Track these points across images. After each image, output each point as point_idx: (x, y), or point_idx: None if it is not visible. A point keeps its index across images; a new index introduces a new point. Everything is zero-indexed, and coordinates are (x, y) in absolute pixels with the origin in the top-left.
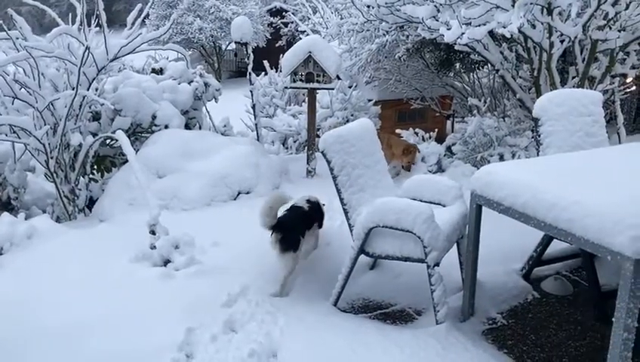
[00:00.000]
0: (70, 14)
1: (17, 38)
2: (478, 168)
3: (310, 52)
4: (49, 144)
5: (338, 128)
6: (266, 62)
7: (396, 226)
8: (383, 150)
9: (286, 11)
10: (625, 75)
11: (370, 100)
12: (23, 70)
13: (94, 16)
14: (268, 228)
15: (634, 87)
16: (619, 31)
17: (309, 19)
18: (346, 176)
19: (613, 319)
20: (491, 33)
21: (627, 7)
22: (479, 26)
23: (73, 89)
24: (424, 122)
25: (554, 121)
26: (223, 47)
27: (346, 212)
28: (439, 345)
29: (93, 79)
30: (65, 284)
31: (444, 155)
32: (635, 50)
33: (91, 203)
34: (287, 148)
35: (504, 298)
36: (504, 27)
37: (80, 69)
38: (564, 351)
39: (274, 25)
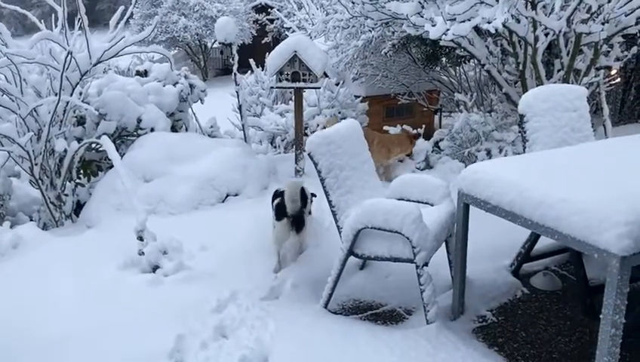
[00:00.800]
0: (53, 15)
1: None
2: (466, 164)
3: (295, 51)
4: (33, 151)
5: (324, 130)
6: (252, 61)
7: (384, 227)
8: (372, 150)
9: (271, 8)
10: (609, 68)
11: (357, 97)
12: (5, 77)
13: (77, 17)
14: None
15: (618, 79)
16: (602, 24)
17: (295, 15)
18: (334, 178)
19: (601, 316)
20: (476, 28)
21: (610, 0)
22: (464, 21)
23: (56, 94)
24: (412, 117)
25: (539, 117)
26: (209, 44)
27: (334, 214)
28: (430, 345)
29: (77, 84)
30: (53, 293)
31: (432, 151)
32: (618, 43)
33: (79, 207)
34: (275, 147)
35: (494, 295)
36: (489, 22)
37: (62, 74)
38: (554, 346)
39: (259, 22)
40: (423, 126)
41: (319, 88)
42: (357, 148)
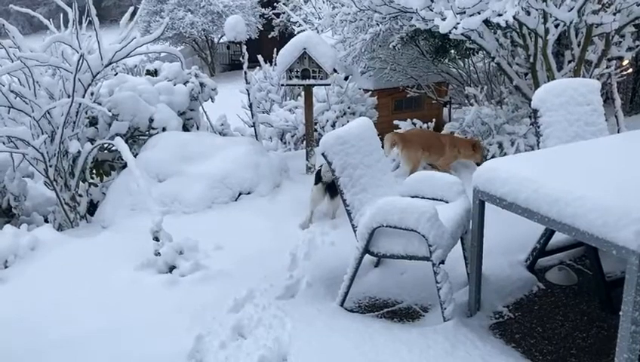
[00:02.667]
0: (61, 14)
1: (10, 47)
2: None
3: (305, 48)
4: (47, 152)
5: (337, 129)
6: (260, 57)
7: (400, 226)
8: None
9: (277, 2)
10: (621, 58)
11: (366, 90)
12: (18, 80)
13: (85, 15)
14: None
15: (630, 70)
16: (614, 14)
17: (301, 9)
18: (348, 177)
19: (621, 313)
20: (486, 21)
21: None
22: (474, 15)
23: (69, 96)
24: (421, 110)
25: (553, 111)
26: (215, 40)
27: (349, 213)
28: (448, 343)
29: (89, 85)
30: (71, 295)
31: None
32: (630, 33)
33: (92, 206)
34: (285, 143)
35: (509, 290)
36: (499, 15)
37: (75, 77)
38: (571, 342)
39: (266, 16)
40: (434, 120)
41: (329, 85)
42: (370, 146)
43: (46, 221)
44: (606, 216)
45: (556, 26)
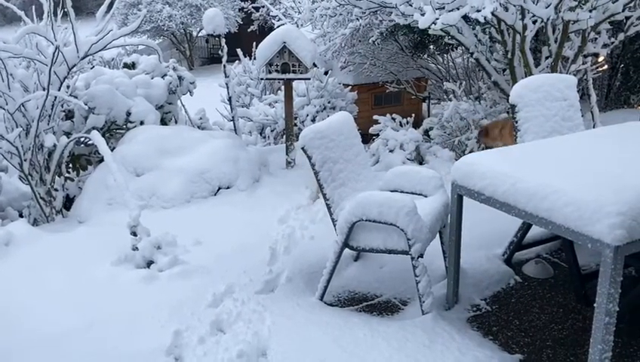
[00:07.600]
0: (33, 6)
1: None
2: (456, 152)
3: (285, 42)
4: (22, 146)
5: (317, 123)
6: (239, 51)
7: (379, 220)
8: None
9: None
10: (597, 55)
11: (346, 85)
12: None
13: (60, 6)
14: None
15: (605, 66)
16: (590, 11)
17: (281, 3)
18: (328, 171)
19: (595, 304)
20: (465, 16)
21: None
22: (453, 10)
23: (44, 89)
24: (400, 105)
25: (530, 107)
26: (194, 33)
27: (328, 207)
28: (426, 336)
29: (65, 78)
30: (47, 291)
31: (422, 140)
32: (605, 29)
33: (68, 200)
34: (264, 137)
35: (487, 284)
36: (478, 11)
37: (50, 69)
38: (547, 334)
39: (245, 10)
40: (413, 115)
41: (309, 79)
42: (349, 140)
43: (21, 216)
44: (581, 209)
45: (534, 22)
